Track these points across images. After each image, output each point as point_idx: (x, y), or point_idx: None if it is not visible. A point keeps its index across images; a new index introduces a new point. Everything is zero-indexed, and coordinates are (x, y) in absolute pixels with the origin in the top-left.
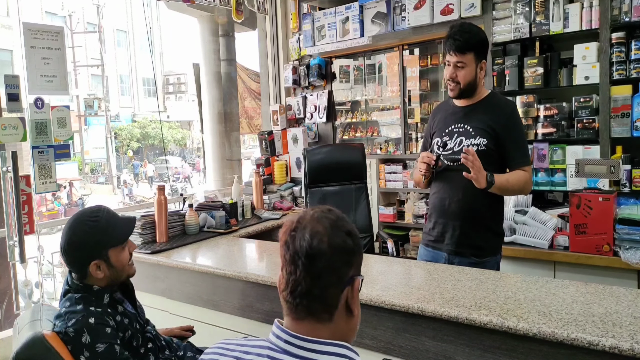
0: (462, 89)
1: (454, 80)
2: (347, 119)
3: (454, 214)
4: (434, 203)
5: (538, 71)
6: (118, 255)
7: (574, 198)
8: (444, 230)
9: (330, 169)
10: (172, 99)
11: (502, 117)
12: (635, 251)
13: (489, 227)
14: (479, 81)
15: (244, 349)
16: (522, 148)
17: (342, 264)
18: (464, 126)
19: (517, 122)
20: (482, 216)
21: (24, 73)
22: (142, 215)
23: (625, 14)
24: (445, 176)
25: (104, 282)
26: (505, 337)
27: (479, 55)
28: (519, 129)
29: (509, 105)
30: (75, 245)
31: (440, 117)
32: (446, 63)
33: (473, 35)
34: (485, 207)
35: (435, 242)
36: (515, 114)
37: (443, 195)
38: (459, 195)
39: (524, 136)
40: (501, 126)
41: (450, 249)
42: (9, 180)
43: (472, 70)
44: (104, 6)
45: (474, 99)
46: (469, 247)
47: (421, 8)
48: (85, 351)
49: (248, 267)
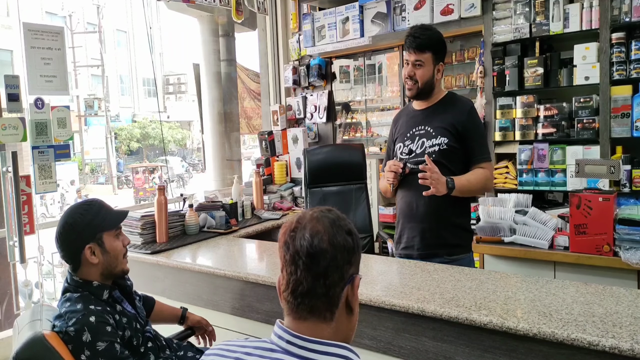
0: (420, 88)
1: (412, 79)
2: (347, 119)
3: (422, 215)
4: (402, 208)
5: (538, 71)
6: (112, 241)
7: (574, 198)
8: (414, 235)
9: (330, 169)
10: (172, 99)
11: (462, 115)
12: (635, 251)
13: (457, 224)
14: (436, 82)
15: (246, 350)
16: (482, 145)
17: (344, 262)
18: (425, 128)
19: (475, 119)
20: (449, 214)
21: (24, 73)
22: (142, 215)
23: (625, 14)
24: (409, 180)
25: (99, 271)
26: (505, 338)
27: (437, 56)
28: (478, 125)
29: (467, 103)
30: (70, 227)
31: (401, 122)
32: (404, 62)
33: (433, 34)
34: (452, 206)
35: (406, 248)
36: (473, 111)
37: (410, 199)
38: (426, 197)
39: (483, 132)
40: (460, 123)
41: (422, 252)
42: (9, 181)
43: (430, 70)
44: (104, 6)
45: (432, 100)
46: (441, 246)
47: (421, 8)
48: (86, 350)
49: (248, 267)
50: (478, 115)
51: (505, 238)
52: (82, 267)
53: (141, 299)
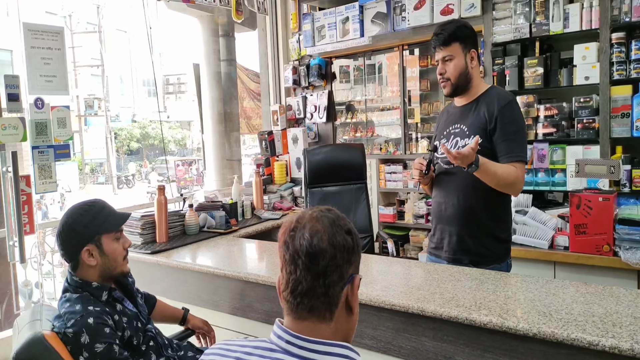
0: (454, 83)
1: (443, 77)
2: (347, 119)
3: (450, 219)
4: (433, 208)
5: (538, 71)
6: (111, 243)
7: (574, 198)
8: (442, 237)
9: (330, 169)
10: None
11: (495, 108)
12: (635, 251)
13: (488, 232)
14: (472, 72)
15: (246, 350)
16: (512, 141)
17: (344, 262)
18: (460, 126)
19: (511, 113)
20: (479, 220)
21: (24, 73)
22: (142, 215)
23: (625, 14)
24: (441, 180)
25: (97, 273)
26: (505, 337)
27: (466, 43)
28: (512, 121)
29: (506, 97)
30: (69, 227)
31: (443, 119)
32: (436, 63)
33: (455, 25)
34: (483, 210)
35: (435, 249)
36: (510, 105)
37: (440, 199)
38: (454, 199)
39: (517, 130)
40: (492, 116)
41: (449, 256)
42: (9, 180)
43: (461, 61)
44: (104, 6)
45: (472, 95)
46: (466, 253)
47: (421, 8)
48: (85, 351)
49: (248, 267)
50: (516, 111)
51: None
52: (80, 267)
53: (143, 296)
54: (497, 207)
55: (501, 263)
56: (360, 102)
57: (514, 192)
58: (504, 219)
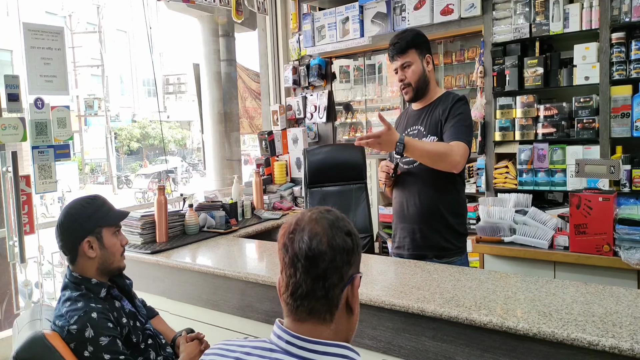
0: (415, 87)
1: (404, 82)
2: (347, 119)
3: (413, 216)
4: (395, 208)
5: (538, 71)
6: (110, 237)
7: (574, 198)
8: (405, 235)
9: (330, 169)
10: (172, 99)
11: (447, 105)
12: (635, 251)
13: (449, 226)
14: (429, 75)
15: (245, 350)
16: (458, 128)
17: (344, 264)
18: (418, 127)
19: (459, 107)
20: (441, 216)
21: (24, 73)
22: (142, 215)
23: (625, 14)
24: (401, 180)
25: (95, 266)
26: (505, 337)
27: (421, 49)
28: (459, 113)
29: (457, 97)
30: (71, 217)
31: (401, 122)
32: (394, 72)
33: (410, 34)
34: (443, 207)
35: (398, 248)
36: (460, 101)
37: (401, 199)
38: (416, 197)
39: (464, 119)
40: (444, 112)
41: (412, 252)
42: (9, 180)
43: (419, 66)
44: (104, 6)
45: (429, 99)
46: (430, 248)
47: (421, 8)
48: (89, 345)
49: (248, 267)
50: (464, 107)
51: (505, 238)
52: (78, 260)
53: (141, 301)
54: (456, 202)
55: (462, 255)
56: (360, 102)
57: (449, 164)
58: (462, 214)
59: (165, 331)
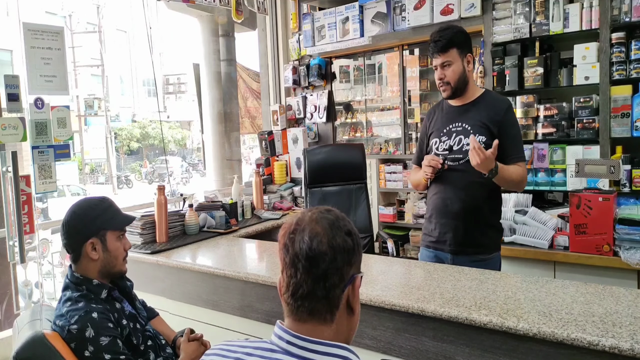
0: (454, 87)
1: (443, 81)
2: (347, 119)
3: (457, 213)
4: (436, 204)
5: (538, 71)
6: (114, 241)
7: (574, 198)
8: (446, 231)
9: (330, 169)
10: (172, 99)
11: (498, 114)
12: (635, 251)
13: (490, 224)
14: (469, 75)
15: (246, 350)
16: (518, 144)
17: (344, 264)
18: (462, 125)
19: (512, 118)
20: (483, 214)
21: (24, 73)
22: (142, 215)
23: (625, 14)
24: (445, 176)
25: (97, 268)
26: (505, 337)
27: (463, 49)
28: (515, 125)
29: (505, 102)
30: (77, 217)
31: (436, 117)
32: (434, 68)
33: (452, 31)
34: (486, 204)
35: (436, 242)
36: (511, 111)
37: (444, 195)
38: (461, 195)
39: (519, 132)
40: (497, 123)
41: (454, 248)
42: (9, 180)
43: (459, 65)
44: (104, 6)
45: (468, 97)
46: (473, 245)
47: (421, 8)
48: (90, 345)
49: (248, 267)
50: (515, 115)
51: (505, 238)
52: (81, 260)
53: (142, 302)
54: (497, 199)
55: (498, 250)
56: (360, 102)
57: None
58: (500, 211)
59: (165, 332)
